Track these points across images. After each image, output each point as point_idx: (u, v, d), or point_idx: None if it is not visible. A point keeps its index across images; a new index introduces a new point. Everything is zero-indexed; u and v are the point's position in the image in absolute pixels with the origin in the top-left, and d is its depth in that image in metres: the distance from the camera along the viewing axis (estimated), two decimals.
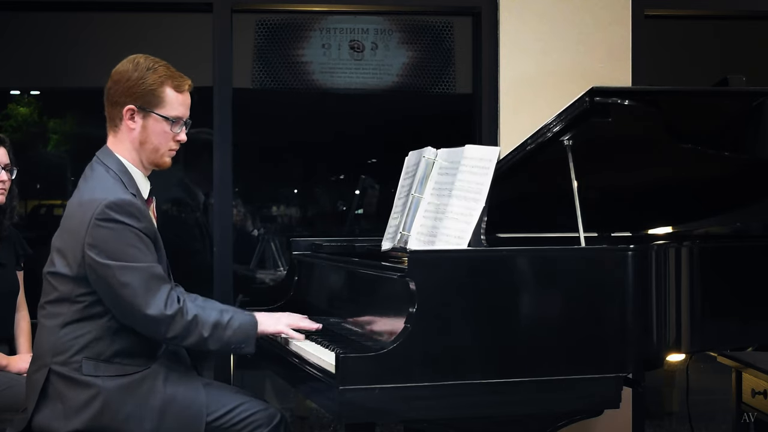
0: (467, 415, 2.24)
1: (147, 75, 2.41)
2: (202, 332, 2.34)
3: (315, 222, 4.84)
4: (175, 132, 2.46)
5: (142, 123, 2.43)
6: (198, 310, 2.35)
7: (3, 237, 3.13)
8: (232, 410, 2.43)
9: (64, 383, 2.31)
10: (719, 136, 2.68)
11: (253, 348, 2.44)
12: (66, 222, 2.40)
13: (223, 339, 2.38)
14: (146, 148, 2.45)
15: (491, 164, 2.46)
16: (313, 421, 4.44)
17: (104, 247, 2.28)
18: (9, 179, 3.09)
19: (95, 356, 2.32)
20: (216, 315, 2.38)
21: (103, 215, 2.28)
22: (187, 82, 2.49)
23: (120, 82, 2.42)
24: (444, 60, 4.26)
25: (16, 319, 3.18)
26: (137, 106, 2.41)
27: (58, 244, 2.39)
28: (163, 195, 4.34)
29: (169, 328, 2.30)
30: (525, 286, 2.30)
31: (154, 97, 2.42)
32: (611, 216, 3.14)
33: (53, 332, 2.34)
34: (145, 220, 2.34)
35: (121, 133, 2.45)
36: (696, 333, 2.46)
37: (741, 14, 4.27)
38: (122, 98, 2.42)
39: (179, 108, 2.46)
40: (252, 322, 2.44)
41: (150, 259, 2.33)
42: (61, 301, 2.35)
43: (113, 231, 2.28)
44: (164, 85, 2.43)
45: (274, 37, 4.22)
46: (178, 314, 2.31)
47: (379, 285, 2.48)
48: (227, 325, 2.38)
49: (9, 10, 4.14)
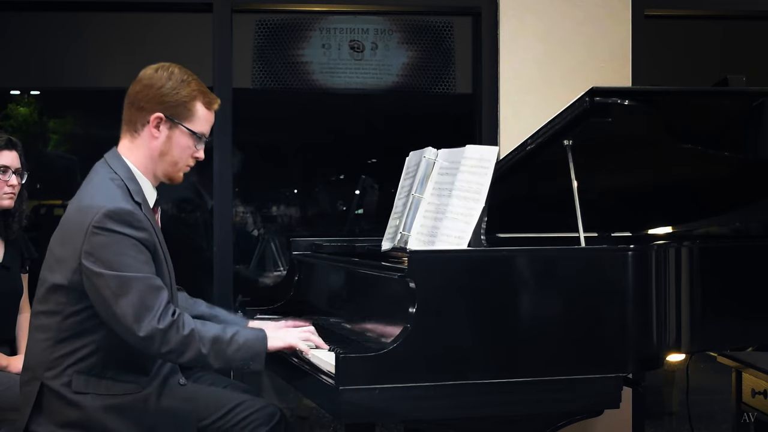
0: (467, 415, 2.24)
1: (181, 87, 2.38)
2: (201, 348, 2.25)
3: (315, 222, 4.85)
4: (197, 149, 2.44)
5: (167, 133, 2.39)
6: (196, 325, 2.27)
7: (10, 240, 3.14)
8: (232, 410, 2.42)
9: (56, 400, 2.29)
10: (719, 136, 2.68)
11: (263, 365, 2.35)
12: (64, 225, 2.36)
13: (226, 355, 2.28)
14: (165, 160, 2.41)
15: (491, 164, 2.46)
16: (313, 421, 4.44)
17: (100, 255, 2.23)
18: (19, 183, 3.09)
19: (87, 370, 2.28)
20: (217, 330, 2.30)
21: (101, 224, 2.23)
22: (217, 102, 2.48)
23: (151, 88, 2.37)
24: (444, 60, 4.26)
25: (18, 321, 3.19)
26: (166, 116, 2.37)
27: (55, 248, 2.35)
28: (168, 196, 4.35)
29: (163, 342, 2.22)
30: (525, 286, 2.30)
31: (186, 110, 2.39)
32: (611, 216, 3.14)
33: (45, 347, 2.30)
34: (145, 231, 2.29)
35: (141, 140, 2.40)
36: (696, 333, 2.46)
37: (741, 14, 4.27)
38: (150, 105, 2.37)
39: (205, 125, 2.44)
40: (260, 338, 2.34)
41: (147, 270, 2.26)
42: (54, 314, 2.31)
43: (110, 240, 2.23)
44: (196, 99, 2.40)
45: (274, 37, 4.23)
46: (172, 328, 2.23)
47: (379, 285, 2.48)
48: (230, 340, 2.29)
49: (9, 10, 4.14)
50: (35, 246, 3.26)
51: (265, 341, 2.35)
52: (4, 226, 3.13)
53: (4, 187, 3.05)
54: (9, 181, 3.05)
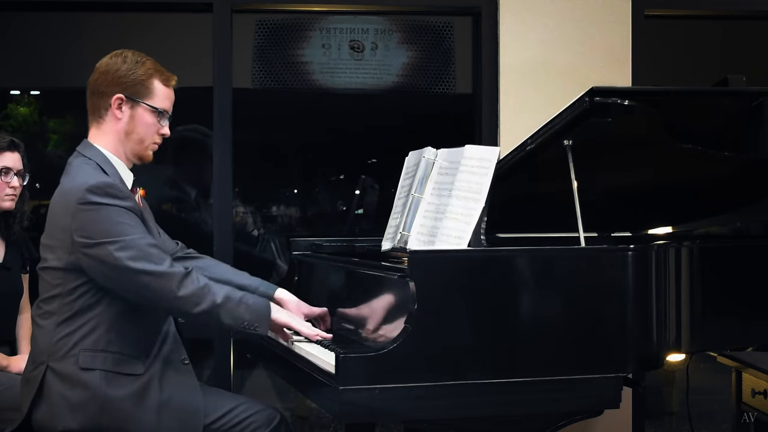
0: (467, 415, 2.24)
1: (137, 67, 2.45)
2: (216, 298, 2.32)
3: (315, 222, 4.84)
4: (161, 125, 2.49)
5: (130, 113, 2.44)
6: (208, 281, 2.35)
7: (11, 241, 3.14)
8: (231, 411, 2.43)
9: (61, 382, 2.30)
10: (719, 136, 2.68)
11: (267, 329, 2.43)
12: (50, 216, 2.40)
13: (237, 313, 2.35)
14: (132, 139, 2.46)
15: (491, 164, 2.47)
16: (313, 421, 4.44)
17: (93, 228, 2.27)
18: (20, 185, 3.09)
19: (92, 346, 2.30)
20: (227, 290, 2.37)
21: (85, 199, 2.27)
22: (174, 78, 2.53)
23: (108, 73, 2.44)
24: (444, 60, 4.26)
25: (18, 321, 3.19)
26: (126, 96, 2.43)
27: (46, 241, 2.39)
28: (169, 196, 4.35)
29: (181, 285, 2.28)
30: (525, 286, 2.30)
31: (144, 87, 2.45)
32: (611, 216, 3.14)
33: (48, 332, 2.33)
34: (129, 200, 2.34)
35: (106, 124, 2.45)
36: (696, 333, 2.46)
37: (741, 14, 4.27)
38: (110, 88, 2.43)
39: (165, 101, 2.50)
40: (266, 305, 2.44)
41: (141, 232, 2.32)
42: (53, 298, 2.34)
43: (98, 212, 2.27)
44: (153, 77, 2.47)
45: (274, 37, 4.23)
46: (188, 276, 2.30)
47: (379, 285, 2.48)
48: (240, 300, 2.37)
49: (9, 10, 4.14)
50: (35, 246, 3.27)
51: (269, 309, 2.43)
52: (5, 226, 3.13)
53: (5, 188, 3.04)
54: (11, 183, 3.05)
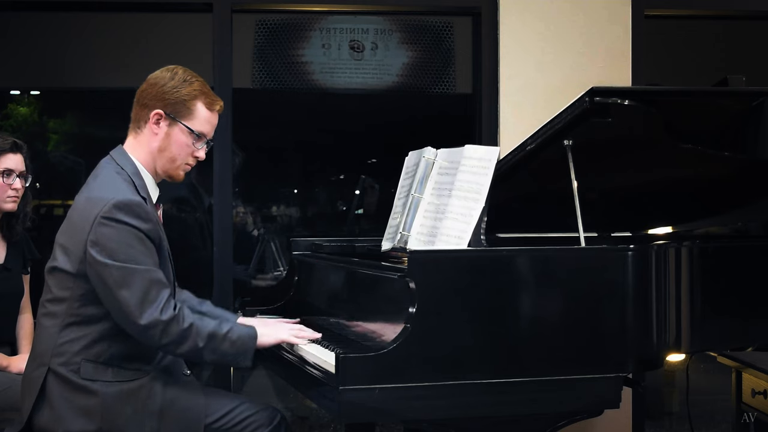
0: (467, 415, 2.24)
1: (183, 86, 2.43)
2: (197, 341, 2.32)
3: (315, 222, 4.85)
4: (197, 148, 2.47)
5: (166, 130, 2.43)
6: (195, 320, 2.34)
7: (13, 242, 3.14)
8: (232, 411, 2.44)
9: (63, 385, 2.31)
10: (719, 136, 2.68)
11: (251, 362, 2.41)
12: (72, 216, 2.40)
13: (219, 350, 2.35)
14: (164, 156, 2.45)
15: (491, 164, 2.47)
16: (313, 421, 4.44)
17: (106, 245, 2.27)
18: (23, 186, 3.08)
19: (94, 358, 2.32)
20: (213, 325, 2.36)
21: (110, 214, 2.28)
22: (220, 103, 2.52)
23: (155, 86, 2.43)
24: (444, 60, 4.26)
25: (19, 321, 3.18)
26: (165, 113, 2.42)
27: (62, 240, 2.39)
28: (168, 196, 4.35)
29: (164, 334, 2.28)
30: (525, 286, 2.30)
31: (185, 108, 2.43)
32: (611, 216, 3.14)
33: (53, 333, 2.34)
34: (151, 223, 2.34)
35: (142, 136, 2.45)
36: (696, 333, 2.46)
37: (741, 14, 4.27)
38: (152, 101, 2.42)
39: (206, 125, 2.47)
40: (251, 335, 2.41)
41: (151, 263, 2.31)
42: (61, 301, 2.35)
43: (117, 231, 2.28)
44: (197, 99, 2.44)
45: (274, 37, 4.23)
46: (173, 321, 2.29)
47: (379, 285, 2.48)
48: (225, 336, 2.36)
49: (9, 10, 4.14)
50: (37, 246, 3.27)
51: (255, 339, 2.42)
52: (7, 227, 3.13)
53: (7, 190, 3.04)
54: (13, 185, 3.04)
